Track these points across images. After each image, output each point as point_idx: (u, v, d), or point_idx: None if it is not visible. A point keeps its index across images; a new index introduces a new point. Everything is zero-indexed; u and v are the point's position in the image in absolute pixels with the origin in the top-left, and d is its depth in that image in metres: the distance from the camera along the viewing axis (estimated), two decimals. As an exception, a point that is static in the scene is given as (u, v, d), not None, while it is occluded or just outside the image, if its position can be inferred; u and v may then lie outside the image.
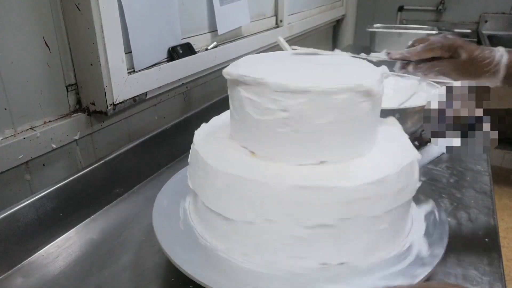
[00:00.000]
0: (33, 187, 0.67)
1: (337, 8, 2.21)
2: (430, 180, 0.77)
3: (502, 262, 0.56)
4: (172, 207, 0.58)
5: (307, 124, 0.46)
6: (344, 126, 0.47)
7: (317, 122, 0.46)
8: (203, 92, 1.10)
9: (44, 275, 0.56)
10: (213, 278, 0.45)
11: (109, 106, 0.74)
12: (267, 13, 1.42)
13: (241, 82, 0.48)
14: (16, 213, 0.57)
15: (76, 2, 0.66)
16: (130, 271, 0.56)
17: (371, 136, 0.52)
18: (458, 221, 0.65)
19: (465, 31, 2.41)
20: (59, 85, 0.71)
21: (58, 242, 0.63)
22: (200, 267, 0.47)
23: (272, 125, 0.47)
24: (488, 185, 0.76)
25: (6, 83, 0.61)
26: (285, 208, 0.45)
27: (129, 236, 0.63)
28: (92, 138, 0.77)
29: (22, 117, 0.65)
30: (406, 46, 0.67)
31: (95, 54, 0.69)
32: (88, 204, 0.69)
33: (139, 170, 0.80)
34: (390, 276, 0.45)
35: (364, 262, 0.48)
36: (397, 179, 0.47)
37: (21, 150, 0.63)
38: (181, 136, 0.90)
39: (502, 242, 0.60)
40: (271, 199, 0.45)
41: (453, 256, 0.56)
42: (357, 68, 0.54)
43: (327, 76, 0.49)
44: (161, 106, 0.94)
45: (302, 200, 0.44)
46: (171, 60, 0.91)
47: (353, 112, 0.47)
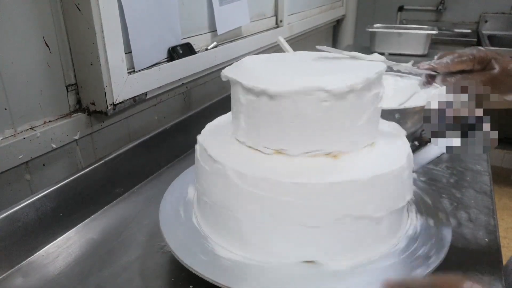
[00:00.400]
0: (33, 187, 0.67)
1: (337, 8, 2.21)
2: (430, 180, 0.77)
3: (502, 262, 0.56)
4: (176, 209, 0.58)
5: (325, 116, 0.46)
6: (356, 116, 0.48)
7: (335, 114, 0.46)
8: (203, 92, 1.10)
9: (44, 275, 0.56)
10: (221, 277, 0.45)
11: (109, 106, 0.74)
12: (267, 13, 1.42)
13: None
14: (16, 213, 0.57)
15: (76, 2, 0.66)
16: (130, 271, 0.56)
17: (375, 127, 0.53)
18: (458, 221, 0.65)
19: (465, 31, 2.41)
20: (59, 85, 0.71)
21: (58, 242, 0.63)
22: (208, 267, 0.46)
23: (287, 121, 0.47)
24: (488, 185, 0.76)
25: (6, 83, 0.61)
26: (285, 204, 0.45)
27: (129, 236, 0.63)
28: (92, 138, 0.77)
29: (22, 117, 0.65)
30: (434, 59, 0.62)
31: (95, 54, 0.69)
32: (88, 204, 0.69)
33: (139, 170, 0.80)
34: (384, 269, 0.46)
35: (359, 259, 0.48)
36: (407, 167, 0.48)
37: (21, 150, 0.63)
38: (181, 136, 0.90)
39: (502, 242, 0.60)
40: (280, 195, 0.45)
41: (453, 256, 0.56)
42: (353, 62, 0.54)
43: (333, 74, 0.49)
44: (161, 106, 0.94)
45: (312, 196, 0.44)
46: (171, 60, 0.91)
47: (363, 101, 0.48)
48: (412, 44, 1.77)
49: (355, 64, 0.54)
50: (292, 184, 0.44)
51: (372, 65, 0.51)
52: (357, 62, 0.54)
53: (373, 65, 0.52)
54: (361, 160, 0.49)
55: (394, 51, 1.80)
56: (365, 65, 0.52)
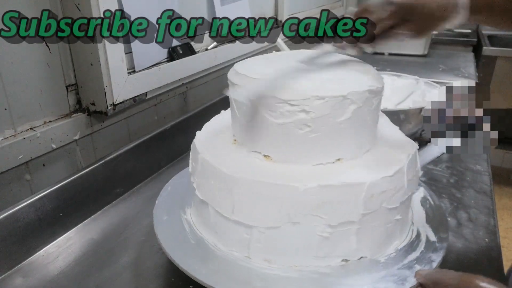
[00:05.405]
0: (33, 187, 0.67)
1: (337, 8, 2.21)
2: (430, 180, 0.77)
3: (502, 262, 0.56)
4: (174, 221, 0.55)
5: (327, 123, 0.46)
6: (359, 122, 0.48)
7: (337, 121, 0.47)
8: (203, 92, 1.10)
9: (44, 275, 0.56)
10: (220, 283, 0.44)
11: (109, 106, 0.74)
12: (267, 13, 1.42)
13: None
14: (16, 213, 0.57)
15: (76, 2, 0.66)
16: (130, 271, 0.56)
17: (375, 131, 0.53)
18: (458, 221, 0.65)
19: (465, 31, 2.41)
20: (59, 85, 0.71)
21: (58, 242, 0.63)
22: (223, 281, 0.45)
23: (291, 128, 0.47)
24: (488, 185, 0.76)
25: (6, 83, 0.61)
26: (311, 209, 0.45)
27: (129, 236, 0.63)
28: (92, 138, 0.77)
29: (22, 117, 0.65)
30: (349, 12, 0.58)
31: (95, 54, 0.69)
32: (88, 204, 0.69)
33: (139, 170, 0.80)
34: (409, 264, 0.47)
35: (381, 254, 0.49)
36: (408, 170, 0.48)
37: (21, 150, 0.63)
38: (181, 136, 0.90)
39: (502, 242, 0.60)
40: (297, 201, 0.45)
41: (453, 256, 0.56)
42: (355, 66, 0.55)
43: (338, 78, 0.50)
44: (161, 106, 0.94)
45: (327, 199, 0.44)
46: (171, 60, 0.91)
47: (366, 109, 0.48)
48: (412, 44, 1.76)
49: (349, 63, 0.54)
50: (312, 188, 0.44)
51: (369, 67, 0.52)
52: (353, 63, 0.55)
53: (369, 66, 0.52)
54: (375, 159, 0.50)
55: (394, 51, 1.80)
56: (365, 66, 0.53)
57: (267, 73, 0.50)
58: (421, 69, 1.56)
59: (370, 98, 0.48)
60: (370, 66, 0.54)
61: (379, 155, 0.51)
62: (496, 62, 2.09)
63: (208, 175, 0.50)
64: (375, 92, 0.48)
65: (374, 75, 0.52)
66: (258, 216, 0.46)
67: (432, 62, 1.70)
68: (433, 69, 1.59)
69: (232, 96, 0.52)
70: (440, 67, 1.61)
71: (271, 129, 0.48)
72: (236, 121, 0.54)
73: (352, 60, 0.56)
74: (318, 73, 0.51)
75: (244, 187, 0.46)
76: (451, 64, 1.66)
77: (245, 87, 0.49)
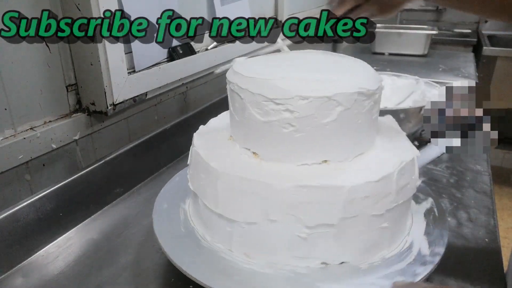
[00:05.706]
0: (33, 187, 0.67)
1: (337, 8, 2.21)
2: (430, 180, 0.77)
3: (502, 262, 0.56)
4: (172, 209, 0.58)
5: (312, 124, 0.46)
6: (347, 125, 0.48)
7: (322, 122, 0.46)
8: (203, 92, 1.10)
9: (44, 275, 0.56)
10: (217, 280, 0.45)
11: (109, 106, 0.74)
12: (267, 13, 1.42)
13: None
14: (16, 213, 0.57)
15: (76, 2, 0.66)
16: (130, 271, 0.56)
17: (371, 135, 0.53)
18: (458, 221, 0.65)
19: (465, 31, 2.41)
20: (59, 85, 0.71)
21: (58, 242, 0.63)
22: (203, 269, 0.46)
23: (276, 126, 0.47)
24: (488, 185, 0.76)
25: (6, 83, 0.61)
26: (288, 208, 0.45)
27: (129, 236, 0.63)
28: (92, 138, 0.77)
29: (22, 117, 0.65)
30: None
31: (95, 54, 0.69)
32: (88, 204, 0.69)
33: (139, 170, 0.80)
34: (391, 275, 0.46)
35: (365, 261, 0.48)
36: (399, 177, 0.47)
37: (21, 150, 0.63)
38: (181, 136, 0.90)
39: (502, 242, 0.60)
40: (274, 199, 0.45)
41: (453, 256, 0.56)
42: (352, 66, 0.54)
43: (329, 78, 0.49)
44: (161, 106, 0.94)
45: (305, 200, 0.44)
46: (171, 60, 0.91)
47: (356, 111, 0.47)
48: (412, 44, 1.77)
49: (347, 63, 0.54)
50: (292, 187, 0.44)
51: (367, 67, 0.52)
52: (352, 62, 0.55)
53: (367, 66, 0.52)
54: (364, 164, 0.49)
55: (394, 51, 1.80)
56: (363, 67, 0.53)
57: (262, 72, 0.50)
58: (421, 69, 1.57)
59: (360, 100, 0.47)
60: (369, 67, 0.54)
61: (371, 160, 0.50)
62: (496, 62, 2.09)
63: (198, 168, 0.52)
64: (366, 95, 0.47)
65: (370, 76, 0.51)
66: (239, 210, 0.47)
67: (432, 62, 1.70)
68: (433, 69, 1.60)
69: (228, 92, 0.53)
70: (440, 67, 1.61)
71: (258, 126, 0.48)
72: (231, 118, 0.54)
73: (352, 60, 0.56)
74: (311, 73, 0.50)
75: (227, 181, 0.47)
76: (451, 64, 1.66)
77: (238, 84, 0.49)
